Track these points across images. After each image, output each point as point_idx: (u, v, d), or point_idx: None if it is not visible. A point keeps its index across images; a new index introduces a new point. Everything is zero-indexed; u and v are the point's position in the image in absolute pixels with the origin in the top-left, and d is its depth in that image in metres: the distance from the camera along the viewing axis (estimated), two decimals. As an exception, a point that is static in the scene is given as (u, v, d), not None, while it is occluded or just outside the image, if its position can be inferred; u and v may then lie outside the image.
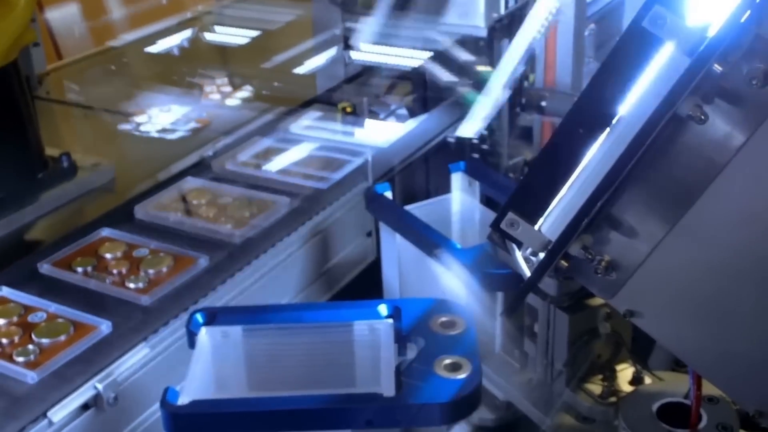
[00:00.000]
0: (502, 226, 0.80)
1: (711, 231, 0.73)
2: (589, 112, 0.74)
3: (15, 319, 1.12)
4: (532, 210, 0.78)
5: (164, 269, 1.21)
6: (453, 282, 1.16)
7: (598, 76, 0.73)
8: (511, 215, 0.79)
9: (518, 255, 0.83)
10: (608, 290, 0.79)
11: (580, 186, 0.75)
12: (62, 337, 1.08)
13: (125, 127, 1.72)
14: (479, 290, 1.15)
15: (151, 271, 1.20)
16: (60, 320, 1.11)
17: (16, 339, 1.08)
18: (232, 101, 1.80)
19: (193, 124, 1.71)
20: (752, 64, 0.66)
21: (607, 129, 0.73)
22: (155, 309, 1.14)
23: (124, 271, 1.21)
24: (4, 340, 1.08)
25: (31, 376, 1.02)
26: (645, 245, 0.76)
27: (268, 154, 1.53)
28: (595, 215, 0.75)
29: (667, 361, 1.14)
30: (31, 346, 1.06)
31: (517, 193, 0.80)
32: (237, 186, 1.43)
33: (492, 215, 1.30)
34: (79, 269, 1.22)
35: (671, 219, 0.74)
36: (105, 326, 1.09)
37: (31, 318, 1.12)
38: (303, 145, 1.57)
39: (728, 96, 0.67)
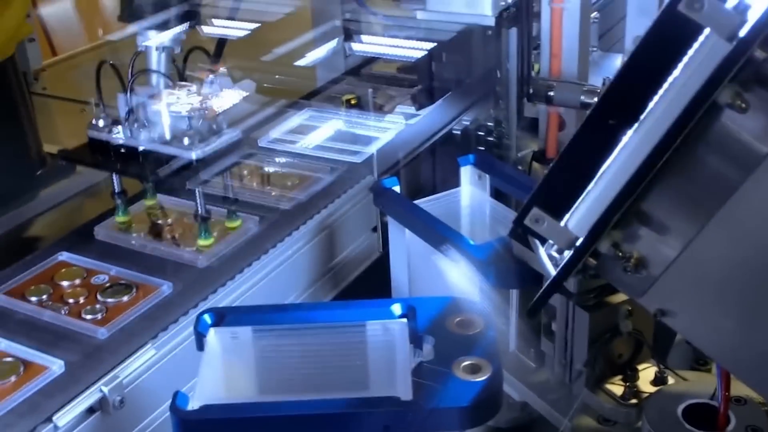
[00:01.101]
0: (526, 222, 0.76)
1: (748, 226, 0.70)
2: (620, 103, 0.71)
3: None
4: (558, 205, 0.75)
5: (125, 298, 1.13)
6: (464, 279, 1.13)
7: (629, 64, 0.70)
8: (535, 211, 0.76)
9: (542, 252, 0.80)
10: (638, 289, 0.75)
11: (610, 180, 0.72)
12: (12, 378, 1.00)
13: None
14: (492, 288, 1.12)
15: (110, 300, 1.13)
16: (8, 359, 1.03)
17: None
18: (231, 95, 1.76)
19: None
20: (794, 50, 0.63)
21: (639, 119, 0.69)
22: (112, 342, 1.07)
23: (81, 300, 1.14)
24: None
25: None
26: (677, 241, 0.72)
27: (267, 152, 1.50)
28: (625, 210, 0.72)
29: (687, 360, 1.11)
30: None
31: (542, 187, 0.76)
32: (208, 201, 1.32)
33: (503, 210, 1.28)
34: (33, 298, 1.14)
35: (706, 214, 0.70)
36: (57, 366, 1.02)
37: None
38: (310, 136, 1.53)
39: (769, 84, 0.64)
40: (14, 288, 1.17)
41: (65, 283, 1.17)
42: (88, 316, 1.10)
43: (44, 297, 1.14)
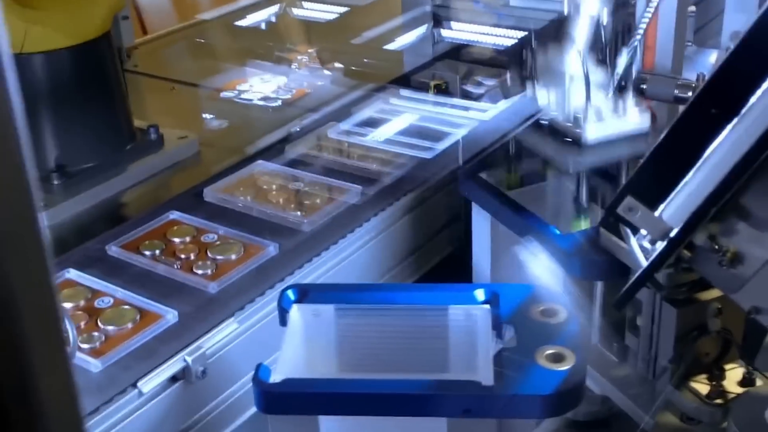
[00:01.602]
0: (619, 210, 0.75)
1: None
2: (722, 93, 0.69)
3: (82, 303, 1.08)
4: (653, 195, 0.74)
5: (233, 256, 1.16)
6: (547, 269, 1.12)
7: (733, 56, 0.68)
8: (629, 199, 0.74)
9: (634, 242, 0.78)
10: (733, 284, 0.74)
11: (709, 171, 0.70)
12: (129, 324, 1.04)
13: (228, 94, 1.70)
14: (577, 279, 1.11)
15: (219, 257, 1.16)
16: (126, 307, 1.07)
17: (83, 325, 1.04)
18: (319, 78, 1.77)
19: (279, 102, 1.69)
20: None
21: (742, 111, 0.67)
22: (221, 297, 1.09)
23: (192, 256, 1.17)
24: (72, 325, 1.03)
25: (95, 365, 0.98)
26: (777, 238, 0.70)
27: (352, 135, 1.50)
28: (723, 204, 0.70)
29: (776, 362, 1.08)
30: (96, 333, 1.02)
31: (637, 176, 0.75)
32: (309, 171, 1.37)
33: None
34: (147, 252, 1.18)
35: (809, 210, 0.68)
36: (171, 315, 1.05)
37: (97, 303, 1.08)
38: (392, 123, 1.53)
39: None
40: (129, 242, 1.21)
41: (177, 240, 1.21)
42: (200, 271, 1.14)
43: (157, 252, 1.18)
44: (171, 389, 1.00)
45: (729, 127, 0.70)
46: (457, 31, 1.79)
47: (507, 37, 1.66)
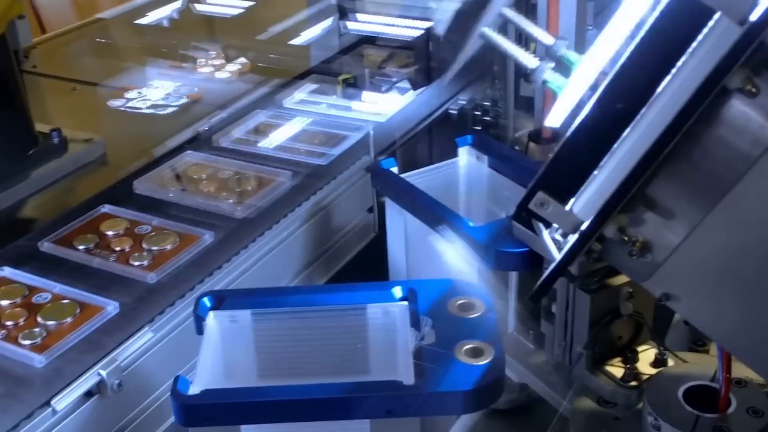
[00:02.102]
0: (531, 206, 0.76)
1: (755, 210, 0.69)
2: (628, 86, 0.70)
3: (19, 300, 1.08)
4: (564, 189, 0.74)
5: (169, 246, 1.17)
6: (462, 260, 1.12)
7: (638, 48, 0.69)
8: (540, 195, 0.75)
9: (546, 236, 0.79)
10: (643, 273, 0.75)
11: (617, 164, 0.71)
12: (68, 319, 1.04)
13: (115, 103, 1.67)
14: (491, 269, 1.12)
15: (155, 248, 1.17)
16: (65, 301, 1.08)
17: (21, 321, 1.04)
18: (226, 74, 1.75)
19: (184, 100, 1.66)
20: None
21: (648, 103, 0.68)
22: (161, 287, 1.11)
23: (127, 248, 1.18)
24: (9, 323, 1.04)
25: (39, 360, 0.98)
26: (683, 226, 0.72)
27: (265, 129, 1.49)
28: (631, 195, 0.71)
29: (685, 341, 1.11)
30: (37, 329, 1.02)
31: (547, 171, 0.76)
32: (237, 160, 1.39)
33: (502, 180, 1.27)
34: (81, 247, 1.18)
35: (712, 199, 0.70)
36: (112, 306, 1.06)
37: (35, 299, 1.08)
38: (301, 118, 1.52)
39: (780, 68, 0.63)
40: (62, 237, 1.21)
41: (111, 233, 1.21)
42: (136, 263, 1.14)
43: (92, 245, 1.18)
44: (86, 405, 0.97)
45: (634, 121, 0.71)
46: (364, 23, 1.78)
47: (414, 28, 1.66)
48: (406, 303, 0.92)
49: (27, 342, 1.01)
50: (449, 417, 1.13)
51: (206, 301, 0.93)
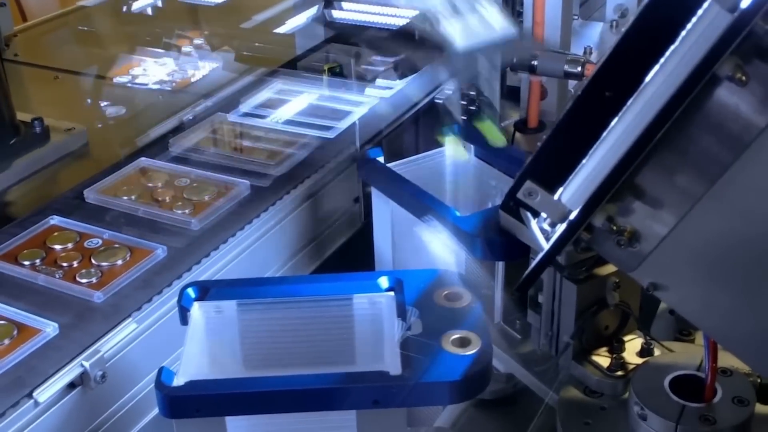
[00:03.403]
0: (519, 195, 0.75)
1: (743, 200, 0.69)
2: (617, 74, 0.69)
3: None
4: (552, 178, 0.74)
5: (119, 262, 1.12)
6: (448, 250, 1.12)
7: (628, 35, 0.69)
8: (528, 184, 0.75)
9: (534, 225, 0.79)
10: (631, 262, 0.75)
11: (606, 153, 0.71)
12: (5, 341, 0.99)
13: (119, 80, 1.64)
14: (478, 259, 1.11)
15: (104, 264, 1.11)
16: (2, 322, 1.02)
17: None
18: (210, 63, 1.73)
19: (169, 87, 1.64)
20: (796, 22, 0.62)
21: (637, 91, 0.68)
22: (108, 306, 1.06)
23: (75, 264, 1.12)
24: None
25: None
26: (672, 215, 0.72)
27: (252, 117, 1.48)
28: (620, 184, 0.71)
29: (670, 330, 1.11)
30: None
31: (535, 160, 0.75)
32: (196, 167, 1.33)
33: (487, 169, 1.27)
34: (27, 262, 1.13)
35: (700, 188, 0.70)
36: (51, 328, 1.01)
37: None
38: (287, 107, 1.51)
39: (769, 56, 0.63)
40: (6, 252, 1.15)
41: (58, 247, 1.16)
42: (84, 280, 1.09)
43: (38, 261, 1.13)
44: (69, 396, 0.96)
45: (623, 109, 0.71)
46: (349, 12, 1.76)
47: (400, 17, 1.65)
48: (392, 293, 0.92)
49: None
50: (436, 407, 1.13)
51: (191, 291, 0.92)
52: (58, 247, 1.16)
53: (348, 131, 1.43)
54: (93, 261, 1.12)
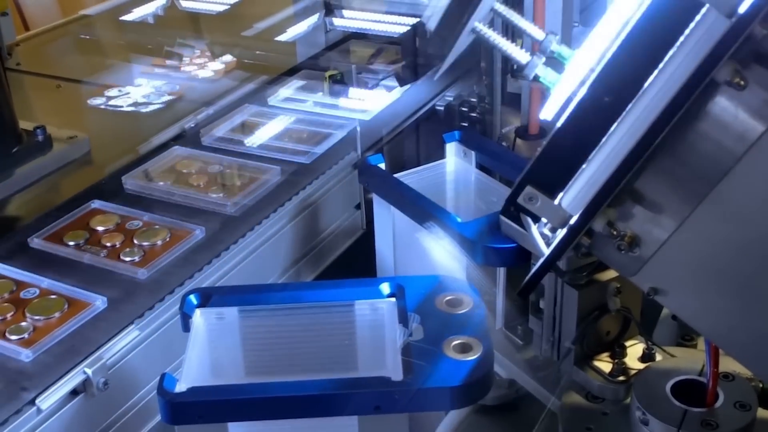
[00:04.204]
0: (520, 200, 0.76)
1: (743, 204, 0.69)
2: (616, 80, 0.70)
3: (6, 295, 1.08)
4: (552, 183, 0.74)
5: (159, 242, 1.17)
6: (450, 256, 1.12)
7: (626, 41, 0.69)
8: (529, 189, 0.75)
9: (535, 231, 0.79)
10: (631, 267, 0.75)
11: (606, 158, 0.71)
12: (56, 314, 1.04)
13: (96, 101, 1.65)
14: (480, 265, 1.11)
15: (146, 243, 1.17)
16: (53, 296, 1.07)
17: (9, 316, 1.04)
18: (210, 72, 1.74)
19: (167, 97, 1.65)
20: (794, 27, 0.62)
21: (636, 97, 0.68)
22: (153, 282, 1.11)
23: (118, 244, 1.17)
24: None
25: (26, 354, 0.98)
26: (672, 220, 0.72)
27: (252, 127, 1.48)
28: (620, 189, 0.71)
29: (673, 336, 1.11)
30: (24, 324, 1.02)
31: (536, 165, 0.75)
32: (225, 155, 1.39)
33: (487, 181, 1.27)
34: (72, 243, 1.18)
35: (700, 192, 0.70)
36: (101, 302, 1.06)
37: (23, 294, 1.08)
38: (288, 115, 1.51)
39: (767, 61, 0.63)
40: (52, 233, 1.21)
41: (101, 229, 1.21)
42: (127, 258, 1.14)
43: (82, 241, 1.18)
44: (72, 404, 0.97)
45: (622, 114, 0.71)
46: (350, 20, 1.78)
47: (399, 24, 1.66)
48: (394, 299, 0.92)
49: (14, 337, 1.01)
50: (437, 413, 1.13)
51: (192, 298, 0.92)
52: (100, 228, 1.21)
53: (349, 138, 1.44)
54: (135, 241, 1.17)
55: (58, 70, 1.84)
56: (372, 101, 1.55)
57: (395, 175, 1.28)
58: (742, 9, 0.62)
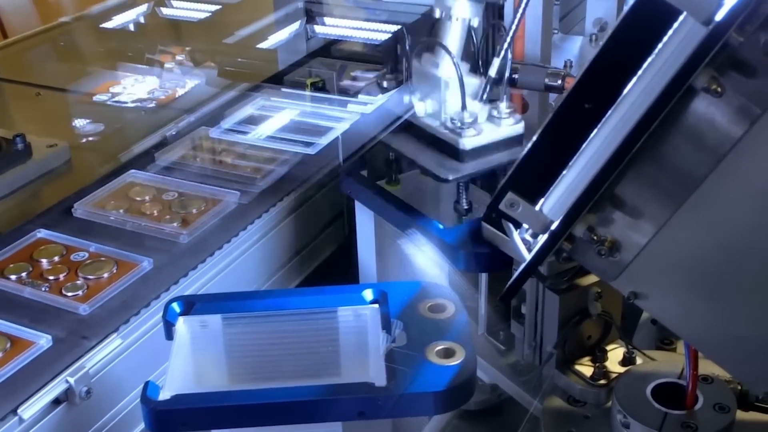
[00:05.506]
0: (501, 206, 0.76)
1: (721, 209, 0.70)
2: (596, 86, 0.71)
3: None
4: (533, 189, 0.75)
5: (105, 275, 1.12)
6: (433, 263, 1.13)
7: (605, 48, 0.70)
8: (510, 195, 0.76)
9: (516, 236, 0.80)
10: (611, 272, 0.76)
11: (585, 164, 0.72)
12: None
13: (99, 98, 1.64)
14: (462, 271, 1.12)
15: (90, 276, 1.12)
16: None
17: None
18: (193, 78, 1.74)
19: (152, 104, 1.65)
20: (769, 34, 0.63)
21: (615, 103, 0.69)
22: (95, 318, 1.06)
23: (61, 277, 1.12)
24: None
25: None
26: (651, 225, 0.73)
27: (237, 131, 1.48)
28: (600, 195, 0.72)
29: (652, 339, 1.12)
30: None
31: (516, 172, 0.76)
32: (186, 180, 1.34)
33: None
34: (13, 276, 1.13)
35: (679, 197, 0.71)
36: (45, 340, 1.01)
37: None
38: (269, 122, 1.52)
39: (744, 68, 0.64)
40: None
41: (45, 260, 1.16)
42: (70, 293, 1.09)
43: (24, 274, 1.13)
44: (54, 413, 0.96)
45: (602, 121, 0.72)
46: (331, 27, 1.78)
47: (381, 32, 1.66)
48: (377, 305, 0.92)
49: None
50: (421, 418, 1.13)
51: (175, 306, 0.92)
52: (44, 260, 1.16)
53: (331, 146, 1.44)
54: (79, 274, 1.13)
55: (38, 77, 1.83)
56: (353, 108, 1.55)
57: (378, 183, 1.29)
58: (719, 17, 0.63)
